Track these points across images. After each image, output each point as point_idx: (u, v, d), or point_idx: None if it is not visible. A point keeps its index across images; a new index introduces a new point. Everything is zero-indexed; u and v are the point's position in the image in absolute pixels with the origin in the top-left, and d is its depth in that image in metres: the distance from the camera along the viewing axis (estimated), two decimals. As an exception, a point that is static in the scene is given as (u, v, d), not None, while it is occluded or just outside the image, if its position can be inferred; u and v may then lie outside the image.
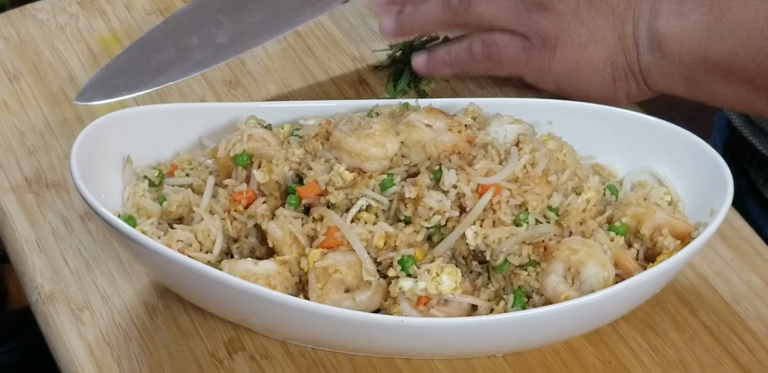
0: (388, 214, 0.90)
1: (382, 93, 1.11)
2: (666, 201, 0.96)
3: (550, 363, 0.93)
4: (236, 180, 0.93)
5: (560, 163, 0.92)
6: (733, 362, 0.93)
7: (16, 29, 1.17)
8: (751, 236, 1.00)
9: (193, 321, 0.95)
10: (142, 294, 0.97)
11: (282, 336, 0.93)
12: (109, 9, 1.19)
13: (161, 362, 0.93)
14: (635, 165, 0.99)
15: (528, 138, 0.92)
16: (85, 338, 0.94)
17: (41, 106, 1.11)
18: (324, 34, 1.16)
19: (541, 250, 0.90)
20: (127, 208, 0.95)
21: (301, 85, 1.12)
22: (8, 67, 1.14)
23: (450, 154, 0.90)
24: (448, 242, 0.89)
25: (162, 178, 0.96)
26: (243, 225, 0.92)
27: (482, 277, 0.90)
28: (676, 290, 0.97)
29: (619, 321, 0.95)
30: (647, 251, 0.93)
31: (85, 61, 1.14)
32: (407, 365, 0.92)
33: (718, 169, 0.93)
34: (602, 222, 0.93)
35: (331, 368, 0.92)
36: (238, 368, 0.92)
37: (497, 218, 0.89)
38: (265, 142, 0.94)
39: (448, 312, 0.88)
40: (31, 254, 0.99)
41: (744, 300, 0.96)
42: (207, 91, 1.12)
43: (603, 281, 0.89)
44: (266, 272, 0.88)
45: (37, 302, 0.97)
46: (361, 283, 0.89)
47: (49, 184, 1.04)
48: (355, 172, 0.90)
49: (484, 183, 0.89)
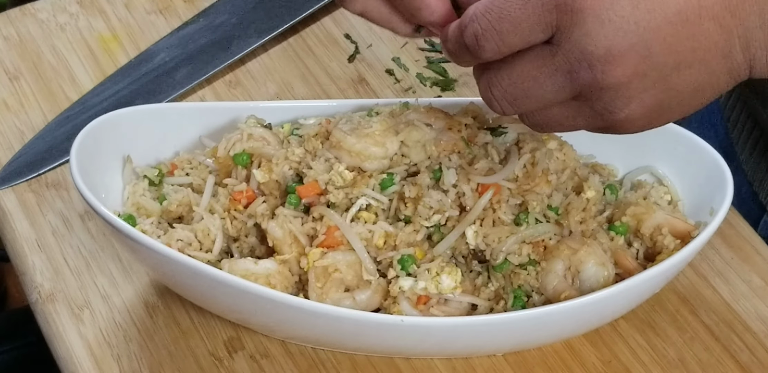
0: (388, 213, 0.90)
1: (381, 92, 1.11)
2: (666, 200, 0.96)
3: (550, 362, 0.93)
4: (236, 179, 0.93)
5: (560, 162, 0.92)
6: (732, 361, 0.93)
7: (16, 29, 1.17)
8: (751, 235, 1.00)
9: (193, 320, 0.95)
10: (142, 293, 0.97)
11: (282, 335, 0.93)
12: (109, 8, 1.19)
13: (161, 362, 0.92)
14: (635, 164, 0.99)
15: (528, 137, 0.92)
16: (85, 337, 0.94)
17: (41, 105, 1.11)
18: (324, 34, 1.16)
19: (541, 249, 0.90)
20: (127, 207, 0.95)
21: (300, 84, 1.12)
22: (8, 67, 1.14)
23: (450, 153, 0.90)
24: (448, 242, 0.89)
25: (162, 178, 0.96)
26: (243, 224, 0.92)
27: (482, 276, 0.90)
28: (676, 290, 0.97)
29: (619, 320, 0.95)
30: (647, 251, 0.93)
31: (85, 61, 1.14)
32: (407, 364, 0.92)
33: (717, 168, 0.93)
34: (602, 221, 0.93)
35: (331, 367, 0.92)
36: (238, 368, 0.92)
37: (497, 218, 0.89)
38: (265, 141, 0.94)
39: (448, 311, 0.88)
40: (31, 253, 0.99)
41: (744, 299, 0.96)
42: (207, 90, 1.12)
43: (603, 281, 0.89)
44: (266, 272, 0.88)
45: (37, 302, 0.97)
46: (361, 282, 0.89)
47: (49, 183, 1.04)
48: (355, 171, 0.90)
49: (484, 182, 0.89)
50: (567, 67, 0.75)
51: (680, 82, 0.77)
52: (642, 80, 0.76)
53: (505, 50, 0.76)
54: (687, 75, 0.77)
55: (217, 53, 1.13)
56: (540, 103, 0.78)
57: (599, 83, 0.75)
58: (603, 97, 0.76)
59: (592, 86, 0.75)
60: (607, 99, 0.76)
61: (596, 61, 0.74)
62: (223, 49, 1.14)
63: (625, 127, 0.79)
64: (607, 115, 0.77)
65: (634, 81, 0.76)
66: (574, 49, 0.74)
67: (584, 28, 0.73)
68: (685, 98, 0.78)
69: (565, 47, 0.74)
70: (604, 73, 0.74)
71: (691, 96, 0.78)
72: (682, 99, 0.78)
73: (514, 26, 0.75)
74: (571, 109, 0.78)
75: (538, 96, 0.77)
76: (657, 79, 0.76)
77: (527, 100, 0.78)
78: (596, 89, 0.75)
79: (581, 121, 0.79)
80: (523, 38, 0.75)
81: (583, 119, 0.79)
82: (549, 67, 0.76)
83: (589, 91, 0.76)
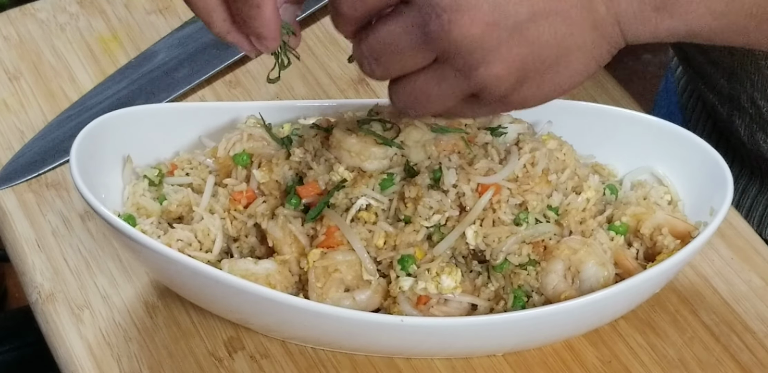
0: (388, 213, 0.90)
1: (381, 92, 1.11)
2: (666, 200, 0.96)
3: (550, 363, 0.93)
4: (236, 179, 0.93)
5: (560, 162, 0.92)
6: (733, 361, 0.93)
7: (16, 29, 1.17)
8: (751, 235, 1.00)
9: (192, 321, 0.95)
10: (141, 293, 0.97)
11: (282, 335, 0.93)
12: (109, 8, 1.19)
13: (161, 362, 0.92)
14: (635, 164, 0.99)
15: (528, 137, 0.92)
16: (85, 337, 0.94)
17: (41, 105, 1.11)
18: (323, 33, 1.16)
19: (540, 249, 0.90)
20: (126, 207, 0.95)
21: (300, 84, 1.12)
22: (8, 67, 1.14)
23: (450, 153, 0.90)
24: (447, 242, 0.89)
25: (162, 178, 0.96)
26: (243, 224, 0.92)
27: (482, 276, 0.90)
28: (676, 290, 0.97)
29: (619, 321, 0.95)
30: (647, 251, 0.93)
31: (85, 61, 1.14)
32: (407, 364, 0.92)
33: (717, 168, 0.93)
34: (602, 221, 0.93)
35: (330, 367, 0.92)
36: (238, 368, 0.92)
37: (497, 218, 0.89)
38: (265, 141, 0.94)
39: (448, 312, 0.88)
40: (30, 253, 0.99)
41: (744, 300, 0.96)
42: (207, 90, 1.12)
43: (603, 281, 0.89)
44: (266, 272, 0.88)
45: (37, 302, 0.97)
46: (360, 282, 0.89)
47: (49, 183, 1.04)
48: (355, 171, 0.90)
49: (484, 182, 0.89)
50: (419, 20, 0.74)
51: (539, 35, 0.75)
52: (495, 30, 0.74)
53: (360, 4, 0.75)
54: (545, 26, 0.75)
55: (217, 53, 1.13)
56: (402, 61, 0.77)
57: (450, 34, 0.73)
58: (459, 50, 0.74)
59: (444, 39, 0.74)
60: (463, 53, 0.74)
61: (442, 10, 0.73)
62: (223, 49, 1.14)
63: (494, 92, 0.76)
64: (470, 73, 0.75)
65: (487, 31, 0.74)
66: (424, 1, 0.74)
67: None
68: (550, 56, 0.76)
69: (417, 1, 0.74)
70: (452, 23, 0.73)
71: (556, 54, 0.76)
72: (546, 57, 0.76)
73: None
74: (435, 74, 0.77)
75: (398, 52, 0.76)
76: (512, 30, 0.74)
77: (389, 58, 0.77)
78: (450, 42, 0.74)
79: (447, 88, 0.77)
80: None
81: (449, 85, 0.77)
82: (404, 22, 0.75)
83: (444, 46, 0.74)
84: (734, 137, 1.10)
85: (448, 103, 0.79)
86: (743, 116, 1.06)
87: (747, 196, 1.12)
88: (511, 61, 0.75)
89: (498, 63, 0.75)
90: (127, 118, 0.96)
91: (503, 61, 0.75)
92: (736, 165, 1.12)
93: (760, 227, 1.10)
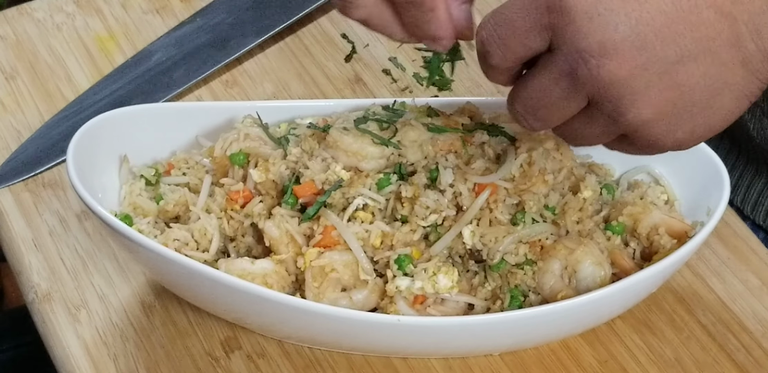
0: (385, 213, 0.90)
1: (378, 92, 1.11)
2: (663, 200, 0.96)
3: (547, 362, 0.93)
4: (233, 179, 0.93)
5: (557, 162, 0.92)
6: (729, 360, 0.93)
7: (13, 28, 1.17)
8: (747, 235, 1.00)
9: (189, 320, 0.95)
10: (138, 293, 0.96)
11: (279, 335, 0.93)
12: (105, 8, 1.19)
13: (158, 361, 0.92)
14: (632, 164, 0.99)
15: (525, 137, 0.92)
16: (81, 337, 0.94)
17: (38, 105, 1.11)
18: (320, 33, 1.16)
19: (537, 249, 0.90)
20: (123, 207, 0.95)
21: (297, 84, 1.12)
22: (5, 66, 1.14)
23: (447, 153, 0.90)
24: (444, 241, 0.89)
25: (159, 177, 0.96)
26: (240, 224, 0.92)
27: (479, 276, 0.90)
28: (673, 289, 0.97)
29: (615, 320, 0.95)
30: (644, 250, 0.93)
31: (81, 61, 1.14)
32: (404, 363, 0.92)
33: (714, 168, 0.93)
34: (599, 221, 0.93)
35: (327, 367, 0.92)
36: (234, 367, 0.92)
37: (494, 217, 0.89)
38: (262, 141, 0.94)
39: (445, 311, 0.88)
40: (27, 253, 0.99)
41: (740, 299, 0.96)
42: (204, 90, 1.12)
43: (600, 280, 0.89)
44: (263, 271, 0.88)
45: (34, 302, 0.97)
46: (357, 282, 0.89)
47: (45, 183, 1.04)
48: (352, 171, 0.90)
49: (480, 182, 0.89)
50: (567, 68, 0.74)
51: (689, 77, 0.74)
52: (643, 73, 0.73)
53: (510, 55, 0.76)
54: (694, 68, 0.74)
55: (214, 53, 1.13)
56: (557, 112, 0.77)
57: (597, 79, 0.73)
58: (608, 95, 0.74)
59: (593, 84, 0.73)
60: (612, 98, 0.74)
61: (590, 56, 0.72)
62: (220, 48, 1.14)
63: (646, 136, 0.76)
64: (618, 118, 0.75)
65: (635, 74, 0.73)
66: (570, 48, 0.73)
67: (575, 25, 0.72)
68: (701, 98, 0.75)
69: (563, 49, 0.73)
70: (600, 67, 0.73)
71: (708, 95, 0.75)
72: (697, 99, 0.75)
73: (512, 30, 0.75)
74: (588, 118, 0.77)
75: (552, 104, 0.76)
76: (661, 73, 0.73)
77: (545, 111, 0.77)
78: (599, 88, 0.73)
79: (598, 130, 0.77)
80: (522, 41, 0.75)
81: (600, 127, 0.77)
82: (553, 72, 0.75)
83: (594, 92, 0.74)
84: (741, 131, 1.09)
85: (602, 141, 0.79)
86: (753, 109, 1.06)
87: (753, 190, 1.12)
88: (661, 105, 0.74)
89: (648, 108, 0.74)
90: (123, 117, 0.96)
91: (653, 106, 0.74)
92: (741, 159, 1.12)
93: (766, 222, 1.10)
